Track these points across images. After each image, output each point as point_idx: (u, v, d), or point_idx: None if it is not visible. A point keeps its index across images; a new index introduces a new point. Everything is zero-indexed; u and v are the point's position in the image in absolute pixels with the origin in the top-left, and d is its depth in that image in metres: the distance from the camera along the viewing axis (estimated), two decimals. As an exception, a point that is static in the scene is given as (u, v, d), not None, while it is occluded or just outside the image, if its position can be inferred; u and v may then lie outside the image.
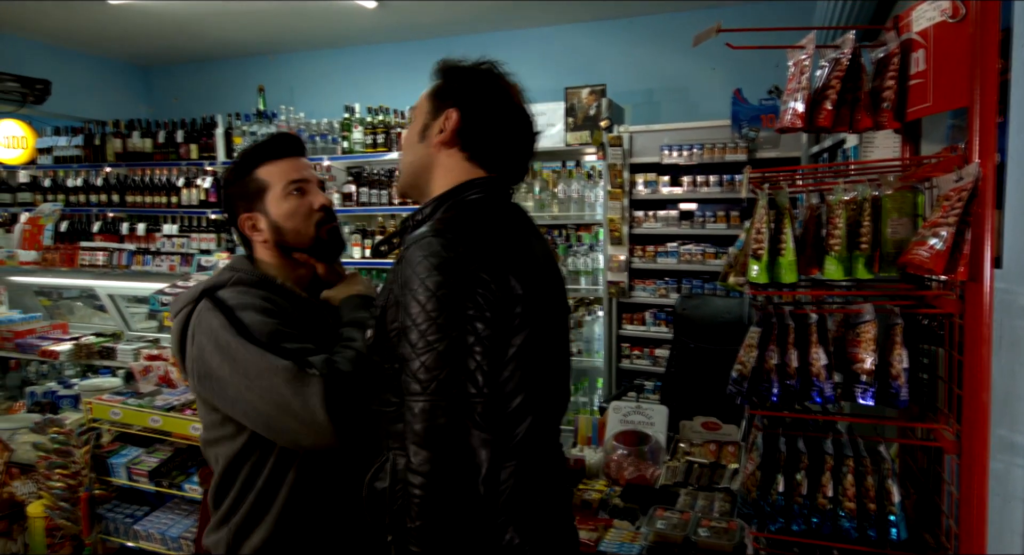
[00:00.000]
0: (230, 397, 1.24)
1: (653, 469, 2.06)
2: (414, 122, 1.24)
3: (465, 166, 1.18)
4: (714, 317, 3.34)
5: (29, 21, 4.81)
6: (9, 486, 2.34)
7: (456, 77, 1.22)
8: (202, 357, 1.26)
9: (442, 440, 1.00)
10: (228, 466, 1.33)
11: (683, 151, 3.73)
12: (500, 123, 1.20)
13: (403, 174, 1.27)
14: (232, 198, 1.43)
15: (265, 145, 1.43)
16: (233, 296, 1.30)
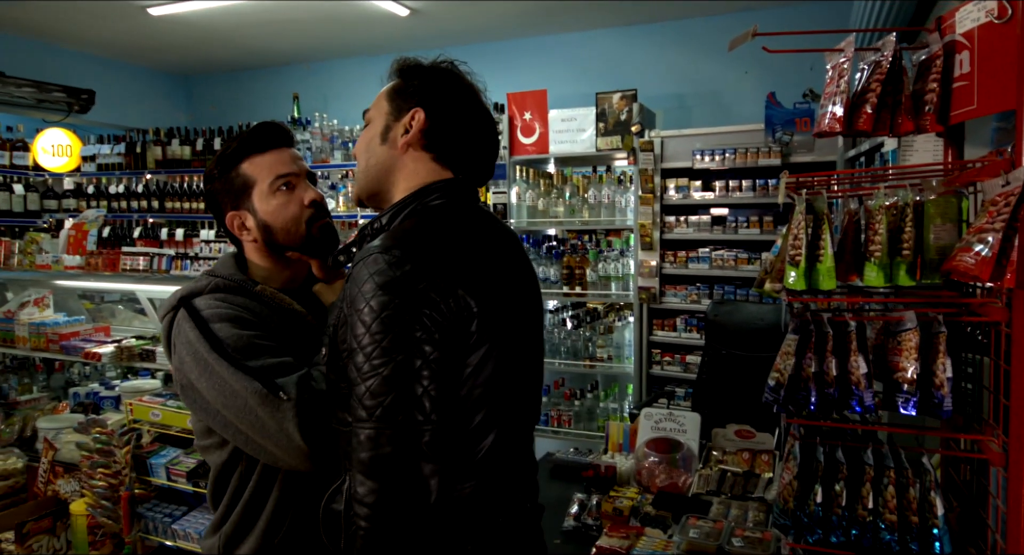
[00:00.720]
0: (209, 411, 1.20)
1: (685, 477, 2.04)
2: (371, 124, 1.19)
3: (432, 167, 1.14)
4: (747, 323, 3.29)
5: (75, 33, 4.97)
6: (54, 484, 2.41)
7: (419, 76, 1.17)
8: (182, 368, 1.22)
9: (388, 470, 0.95)
10: (218, 474, 1.31)
11: (715, 156, 3.69)
12: (466, 122, 1.17)
13: (362, 179, 1.19)
14: (217, 196, 1.34)
15: (249, 137, 1.33)
16: (209, 305, 1.24)
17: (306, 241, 1.33)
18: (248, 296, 1.29)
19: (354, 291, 0.97)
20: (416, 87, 1.16)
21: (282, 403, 1.12)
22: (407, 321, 0.95)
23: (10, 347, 3.04)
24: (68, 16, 4.54)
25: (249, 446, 1.18)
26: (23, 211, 5.39)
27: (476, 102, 1.20)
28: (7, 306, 3.29)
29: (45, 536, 2.27)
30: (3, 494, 2.49)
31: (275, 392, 1.13)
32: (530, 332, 1.15)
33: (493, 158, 1.23)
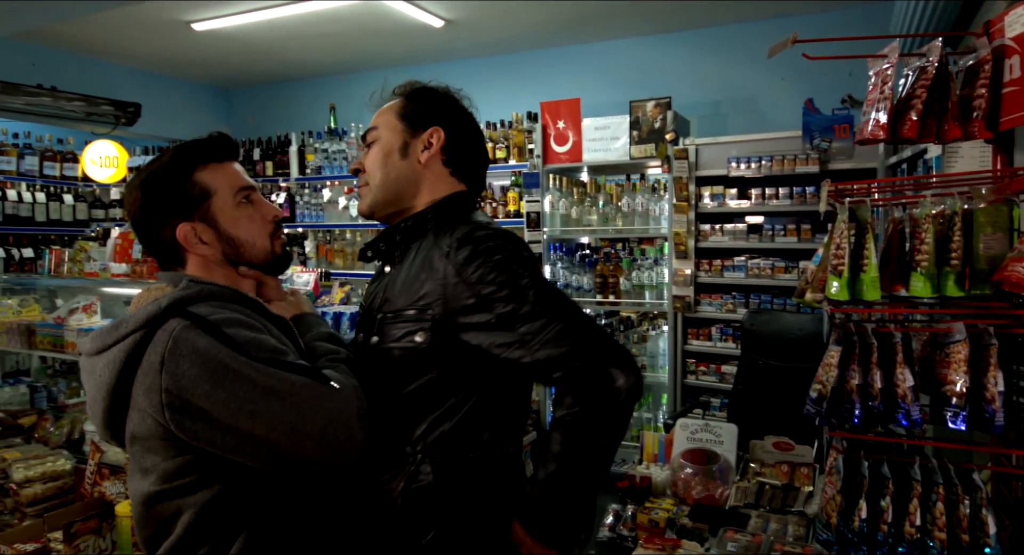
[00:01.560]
0: (216, 429, 1.05)
1: (722, 489, 2.00)
2: (382, 140, 1.30)
3: (449, 180, 1.31)
4: (784, 333, 3.24)
5: (123, 48, 5.15)
6: (100, 486, 2.47)
7: (433, 99, 1.32)
8: (180, 387, 1.04)
9: (604, 338, 1.15)
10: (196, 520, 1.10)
11: (751, 163, 3.65)
12: (475, 141, 1.35)
13: (380, 192, 1.30)
14: (161, 204, 1.20)
15: (203, 146, 1.24)
16: (213, 312, 1.10)
17: (271, 257, 1.28)
18: (243, 303, 1.19)
19: (483, 271, 1.14)
20: (432, 108, 1.31)
21: (335, 392, 1.09)
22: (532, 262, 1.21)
23: (60, 352, 3.14)
24: (117, 32, 4.71)
25: (272, 458, 1.07)
26: (72, 220, 5.59)
27: (476, 122, 1.38)
28: (57, 312, 3.41)
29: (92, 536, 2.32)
30: (52, 495, 2.56)
31: (326, 382, 1.09)
32: None
33: (487, 168, 1.42)
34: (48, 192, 5.50)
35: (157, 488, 1.11)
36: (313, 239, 5.17)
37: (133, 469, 1.16)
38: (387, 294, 1.27)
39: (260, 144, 5.46)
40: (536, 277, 1.16)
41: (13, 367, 3.90)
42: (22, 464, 2.55)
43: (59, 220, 5.50)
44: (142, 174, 1.23)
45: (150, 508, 1.13)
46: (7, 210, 5.16)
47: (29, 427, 3.07)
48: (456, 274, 1.15)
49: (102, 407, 1.11)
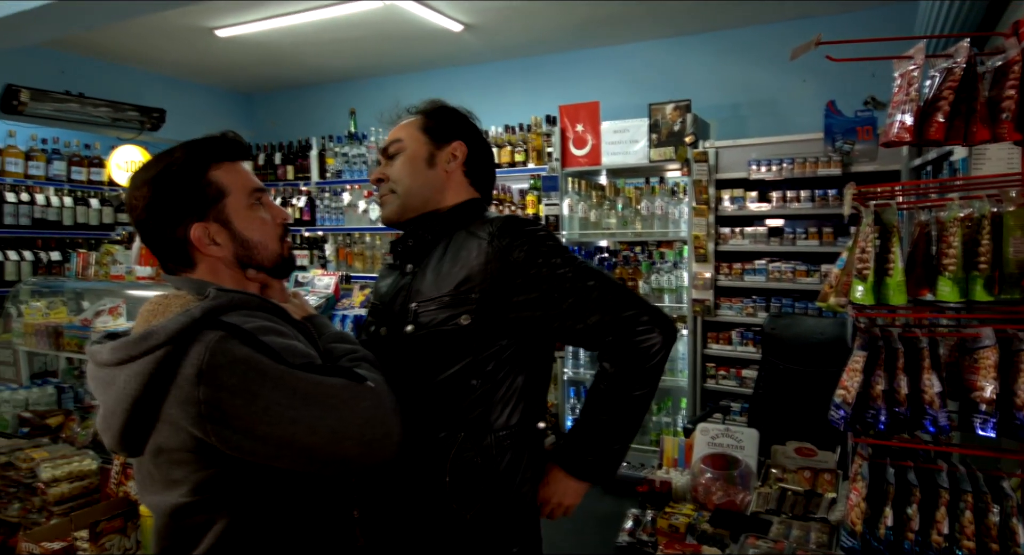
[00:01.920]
0: (254, 438, 1.03)
1: (743, 494, 1.98)
2: (408, 151, 1.42)
3: (468, 188, 1.46)
4: (806, 337, 3.20)
5: (148, 55, 5.23)
6: (125, 486, 2.50)
7: (452, 116, 1.47)
8: (218, 398, 1.02)
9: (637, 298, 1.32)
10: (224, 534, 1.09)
11: (772, 166, 3.62)
12: (488, 155, 1.51)
13: (407, 198, 1.41)
14: (174, 202, 1.15)
15: (216, 143, 1.21)
16: (245, 321, 1.08)
17: (280, 260, 1.26)
18: (269, 311, 1.18)
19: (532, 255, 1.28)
20: (454, 124, 1.45)
21: (370, 390, 1.10)
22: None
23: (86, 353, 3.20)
24: (142, 39, 4.79)
25: (313, 460, 1.07)
26: (98, 224, 5.68)
27: (487, 140, 1.53)
28: (84, 314, 3.47)
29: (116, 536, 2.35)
30: (78, 494, 2.60)
31: (362, 381, 1.11)
32: None
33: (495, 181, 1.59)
34: (75, 196, 5.60)
35: (187, 500, 1.10)
36: (333, 242, 5.21)
37: (153, 481, 1.14)
38: (416, 286, 1.36)
39: (281, 148, 5.53)
40: (570, 255, 1.32)
41: (41, 368, 3.97)
42: (49, 463, 2.59)
43: (86, 224, 5.60)
44: (151, 171, 1.17)
45: (178, 520, 1.11)
46: (36, 214, 5.26)
47: (56, 427, 3.12)
48: (500, 258, 1.27)
49: (121, 420, 1.07)
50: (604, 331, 1.28)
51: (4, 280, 4.98)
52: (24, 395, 3.31)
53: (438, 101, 1.49)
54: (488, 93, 5.31)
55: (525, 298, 1.28)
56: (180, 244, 1.17)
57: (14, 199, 5.15)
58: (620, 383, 1.30)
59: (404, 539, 1.35)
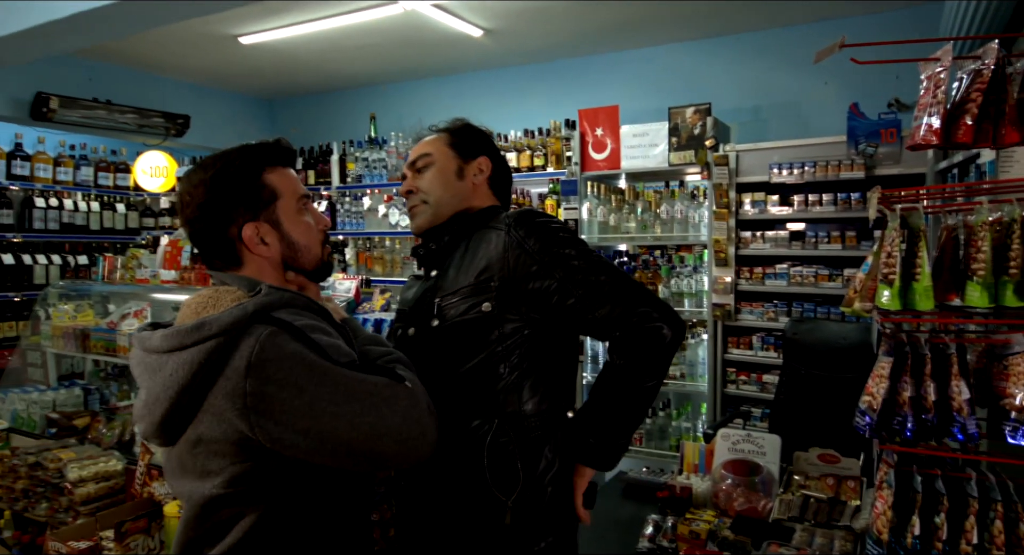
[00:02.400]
0: (296, 432, 1.06)
1: (765, 501, 1.96)
2: (437, 164, 1.51)
3: (492, 199, 1.56)
4: (828, 342, 3.16)
5: (173, 63, 5.33)
6: (149, 486, 2.53)
7: (475, 134, 1.58)
8: (265, 392, 1.05)
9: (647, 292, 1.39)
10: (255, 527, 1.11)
11: (793, 169, 3.58)
12: (508, 172, 1.63)
13: (441, 205, 1.50)
14: (230, 201, 1.20)
15: (271, 148, 1.27)
16: (294, 318, 1.12)
17: (320, 264, 1.32)
18: (314, 311, 1.21)
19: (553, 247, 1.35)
20: (479, 142, 1.56)
21: (408, 391, 1.14)
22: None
23: (112, 356, 3.26)
24: (168, 47, 4.88)
25: (353, 457, 1.09)
26: (124, 228, 5.79)
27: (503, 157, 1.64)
28: (110, 317, 3.53)
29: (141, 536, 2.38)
30: (104, 494, 2.63)
31: (401, 380, 1.15)
32: None
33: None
34: (102, 201, 5.71)
35: (221, 491, 1.12)
36: (353, 246, 5.25)
37: (185, 471, 1.16)
38: (440, 285, 1.43)
39: (303, 153, 5.58)
40: (584, 247, 1.37)
41: (68, 370, 4.04)
42: (76, 464, 2.63)
43: (112, 228, 5.70)
44: (208, 171, 1.22)
45: (208, 511, 1.13)
46: (64, 218, 5.37)
47: (83, 428, 3.17)
48: (518, 246, 1.34)
49: (164, 407, 1.10)
50: (613, 324, 1.32)
51: (33, 283, 5.09)
52: (52, 396, 3.37)
53: (462, 120, 1.60)
54: (508, 97, 5.33)
55: (539, 285, 1.33)
56: (230, 243, 1.21)
57: (43, 204, 5.26)
58: (629, 374, 1.34)
59: (443, 533, 1.38)
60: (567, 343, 1.46)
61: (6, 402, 3.42)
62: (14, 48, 3.01)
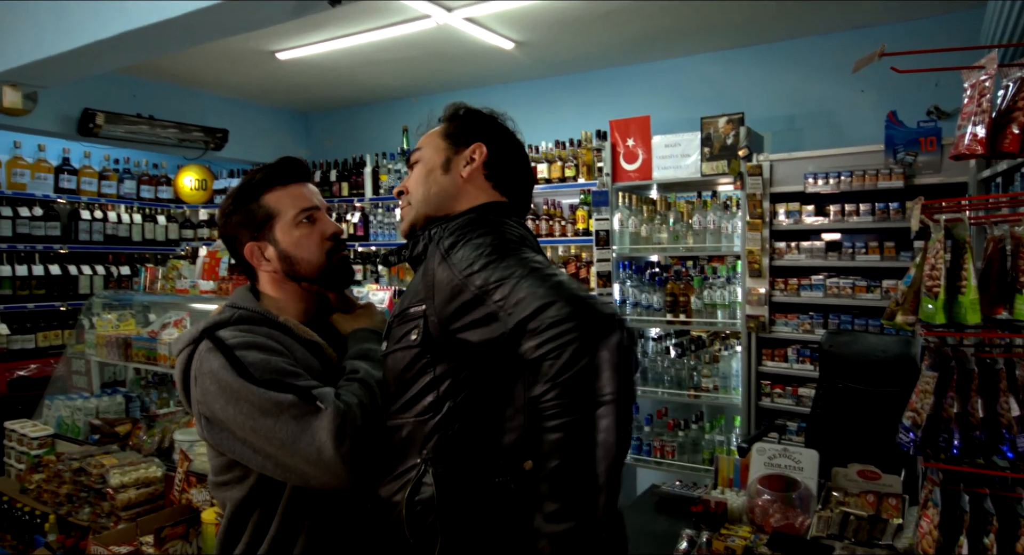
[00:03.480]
0: (235, 439, 1.18)
1: (802, 518, 1.92)
2: (426, 160, 1.32)
3: (490, 192, 1.31)
4: (867, 355, 3.10)
5: (212, 78, 5.47)
6: (187, 493, 2.58)
7: (476, 118, 1.36)
8: (205, 400, 1.19)
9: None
10: (236, 512, 1.26)
11: (829, 179, 3.53)
12: (517, 157, 1.36)
13: (422, 207, 1.29)
14: (235, 226, 1.35)
15: (271, 170, 1.36)
16: (235, 335, 1.23)
17: (325, 272, 1.35)
18: (272, 327, 1.28)
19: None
20: (475, 126, 1.34)
21: (318, 413, 1.13)
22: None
23: (152, 364, 3.34)
24: (208, 64, 5.01)
25: (278, 470, 1.17)
26: (164, 240, 5.95)
27: (520, 143, 1.39)
28: (151, 327, 3.62)
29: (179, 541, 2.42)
30: (144, 500, 2.69)
31: (311, 402, 1.14)
32: None
33: (532, 188, 1.42)
34: (144, 214, 5.88)
35: (212, 479, 1.31)
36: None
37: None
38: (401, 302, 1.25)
39: (336, 165, 5.68)
40: (518, 255, 1.08)
41: (111, 378, 4.16)
42: (118, 470, 2.70)
43: (153, 240, 5.86)
44: (227, 198, 1.38)
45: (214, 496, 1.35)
46: (107, 230, 5.54)
47: (124, 435, 3.25)
48: (442, 260, 1.12)
49: (185, 404, 1.29)
50: (534, 333, 0.99)
51: (78, 293, 5.25)
52: (95, 403, 3.46)
53: (460, 104, 1.39)
54: (538, 109, 5.35)
55: (459, 303, 1.09)
56: (242, 258, 1.35)
57: (88, 216, 5.44)
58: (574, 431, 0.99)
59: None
60: (499, 390, 1.13)
61: (52, 408, 3.53)
62: (63, 67, 3.12)
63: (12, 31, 3.12)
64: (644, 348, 4.13)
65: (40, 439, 3.18)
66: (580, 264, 4.35)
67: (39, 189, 5.10)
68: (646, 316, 4.05)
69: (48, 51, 2.95)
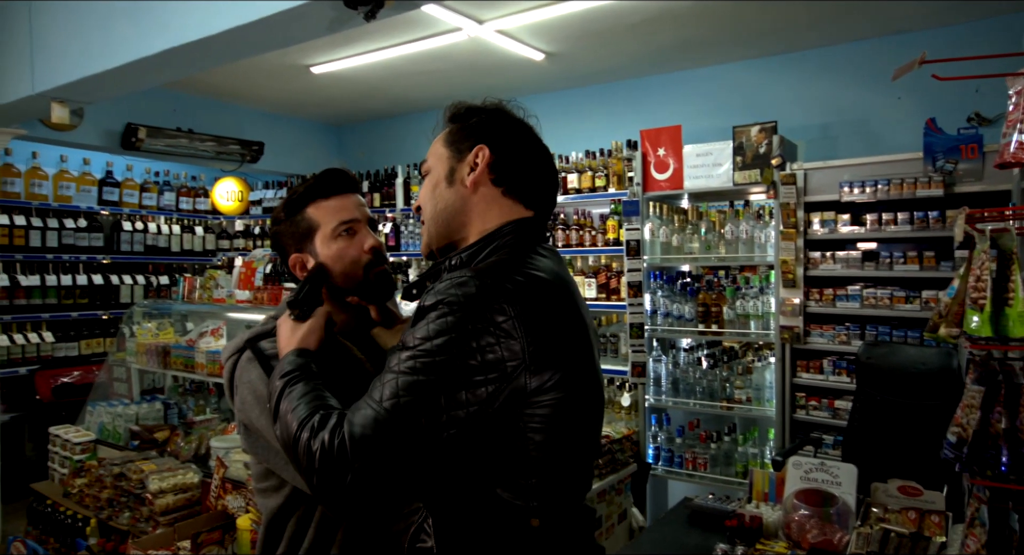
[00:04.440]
0: (269, 449, 1.21)
1: (841, 534, 1.88)
2: (432, 173, 1.19)
3: (503, 201, 1.14)
4: (906, 367, 3.03)
5: (249, 92, 5.60)
6: (223, 499, 2.63)
7: (475, 116, 1.19)
8: (244, 408, 1.24)
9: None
10: (272, 520, 1.28)
11: (865, 187, 3.47)
12: (528, 152, 1.18)
13: (432, 227, 1.17)
14: (281, 237, 1.38)
15: (316, 183, 1.36)
16: (275, 347, 1.24)
17: (362, 285, 1.33)
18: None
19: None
20: (474, 126, 1.18)
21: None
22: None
23: (190, 372, 3.41)
24: (245, 78, 5.14)
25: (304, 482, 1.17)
26: (202, 250, 6.09)
27: (533, 134, 1.21)
28: (189, 335, 3.70)
29: (215, 547, 2.46)
30: (182, 506, 2.75)
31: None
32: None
33: (556, 188, 1.24)
34: (182, 224, 6.03)
35: (254, 486, 1.36)
36: (417, 268, 5.35)
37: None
38: None
39: (368, 177, 5.75)
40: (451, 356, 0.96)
41: (150, 385, 4.25)
42: (157, 476, 2.76)
43: (191, 250, 6.00)
44: (277, 207, 1.43)
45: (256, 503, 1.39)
46: (148, 241, 5.69)
47: (163, 441, 3.32)
48: (416, 319, 1.02)
49: (231, 403, 1.35)
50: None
51: (119, 302, 5.40)
52: (135, 410, 3.55)
53: (460, 103, 1.23)
54: (569, 119, 5.36)
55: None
56: (288, 271, 1.41)
57: (130, 227, 5.60)
58: None
59: None
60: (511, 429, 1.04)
61: (94, 414, 3.62)
62: (108, 83, 3.23)
63: (60, 50, 3.24)
64: (675, 359, 4.10)
65: (82, 444, 3.26)
66: (610, 274, 4.33)
67: (84, 201, 5.27)
68: (677, 326, 4.02)
69: (94, 69, 3.05)
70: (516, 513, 1.01)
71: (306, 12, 2.36)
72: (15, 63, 3.44)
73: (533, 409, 1.00)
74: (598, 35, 4.24)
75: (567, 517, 1.07)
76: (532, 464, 1.01)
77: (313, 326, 1.21)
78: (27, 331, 4.88)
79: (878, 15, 3.92)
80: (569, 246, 4.50)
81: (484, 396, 0.97)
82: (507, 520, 1.01)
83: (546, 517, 1.02)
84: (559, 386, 1.00)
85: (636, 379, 4.06)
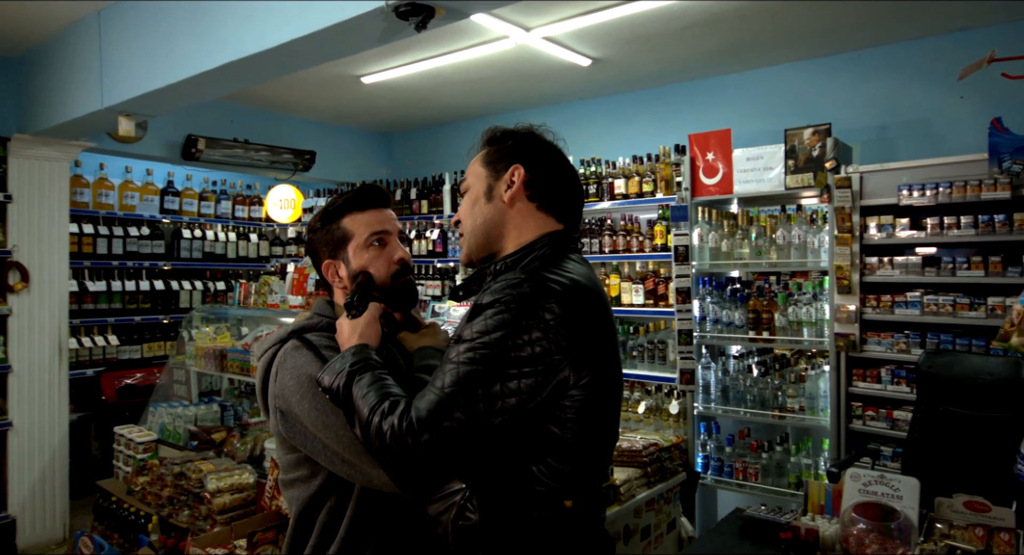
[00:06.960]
0: (307, 434, 1.24)
1: (903, 550, 1.81)
2: (471, 190, 1.37)
3: (537, 215, 1.32)
4: (970, 377, 2.91)
5: (301, 103, 5.76)
6: (277, 500, 2.69)
7: (511, 139, 1.37)
8: (283, 394, 1.28)
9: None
10: (304, 510, 1.30)
11: (926, 190, 3.34)
12: (560, 172, 1.35)
13: (472, 239, 1.35)
14: (317, 244, 1.47)
15: (352, 196, 1.46)
16: (320, 339, 1.33)
17: (389, 293, 1.43)
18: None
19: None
20: (510, 148, 1.35)
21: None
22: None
23: (246, 375, 3.52)
24: (298, 89, 5.29)
25: (344, 467, 1.22)
26: (256, 257, 6.28)
27: (562, 155, 1.39)
28: (244, 339, 3.82)
29: (270, 547, 2.53)
30: (238, 505, 2.83)
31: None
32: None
33: (583, 203, 1.42)
34: (238, 232, 6.23)
35: (281, 477, 1.38)
36: (463, 273, 5.40)
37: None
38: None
39: (416, 184, 5.84)
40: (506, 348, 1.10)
41: (207, 387, 4.40)
42: (215, 475, 2.85)
43: (246, 257, 6.20)
44: (314, 216, 1.51)
45: (283, 495, 1.39)
46: (205, 248, 5.90)
47: (220, 442, 3.43)
48: (474, 314, 1.17)
49: (262, 403, 1.39)
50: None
51: (179, 307, 5.61)
52: (194, 411, 3.68)
53: (496, 128, 1.42)
54: (615, 124, 5.34)
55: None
56: (321, 277, 1.49)
57: (189, 235, 5.82)
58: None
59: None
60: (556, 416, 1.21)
61: (155, 415, 3.77)
62: (171, 97, 3.37)
63: (127, 66, 3.40)
64: (725, 366, 4.02)
65: (145, 444, 3.40)
66: (658, 280, 4.29)
67: (146, 210, 5.50)
68: (727, 333, 3.95)
69: (158, 83, 3.19)
70: (552, 494, 1.16)
71: (359, 24, 2.43)
72: (86, 80, 3.63)
73: (571, 400, 1.15)
74: (645, 40, 4.22)
75: (592, 500, 1.24)
76: (568, 450, 1.17)
77: (369, 319, 1.32)
78: (94, 334, 5.11)
79: (938, 13, 3.78)
80: (616, 251, 4.48)
81: (533, 385, 1.10)
82: (544, 500, 1.16)
83: (577, 499, 1.18)
84: (592, 379, 1.16)
85: (684, 386, 4.00)
